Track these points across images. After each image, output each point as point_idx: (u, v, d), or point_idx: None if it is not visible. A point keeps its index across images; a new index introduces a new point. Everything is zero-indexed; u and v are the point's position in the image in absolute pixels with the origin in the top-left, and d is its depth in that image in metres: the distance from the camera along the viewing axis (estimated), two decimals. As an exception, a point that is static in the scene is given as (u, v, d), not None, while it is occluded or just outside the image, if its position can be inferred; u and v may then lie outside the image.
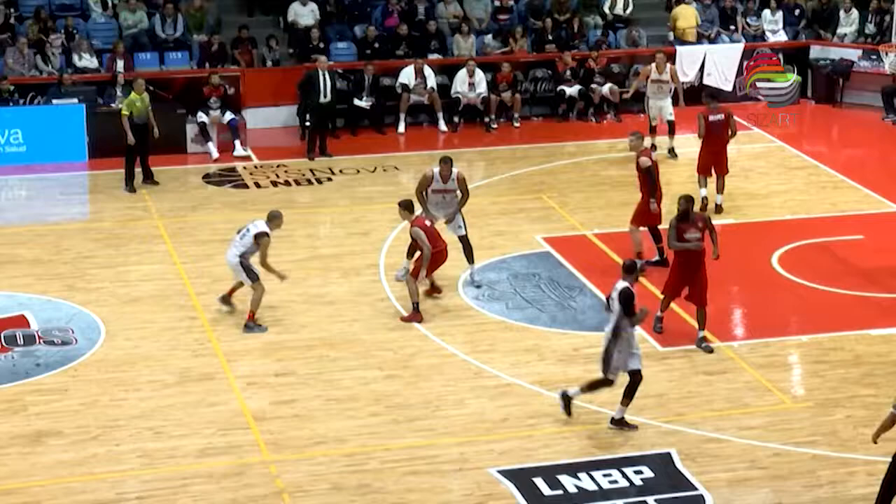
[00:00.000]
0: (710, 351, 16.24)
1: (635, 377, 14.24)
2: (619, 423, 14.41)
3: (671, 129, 23.80)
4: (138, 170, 22.26)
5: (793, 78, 27.32)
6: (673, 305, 16.78)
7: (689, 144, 23.18)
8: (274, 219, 16.96)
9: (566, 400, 14.59)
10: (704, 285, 16.24)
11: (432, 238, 17.05)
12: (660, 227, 18.43)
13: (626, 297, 14.08)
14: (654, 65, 23.97)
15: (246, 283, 16.87)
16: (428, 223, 17.23)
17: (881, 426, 12.33)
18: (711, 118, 20.49)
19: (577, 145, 24.80)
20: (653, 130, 23.89)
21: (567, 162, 23.84)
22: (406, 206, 17.23)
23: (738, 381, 15.66)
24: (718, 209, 20.64)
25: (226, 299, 17.31)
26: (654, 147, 23.58)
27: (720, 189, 20.76)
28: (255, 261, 16.80)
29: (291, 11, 26.85)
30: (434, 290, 17.81)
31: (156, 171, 22.55)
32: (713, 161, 20.67)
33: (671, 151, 23.74)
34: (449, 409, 14.94)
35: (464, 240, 18.14)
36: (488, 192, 22.11)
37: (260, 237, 16.68)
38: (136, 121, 22.03)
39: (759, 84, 24.02)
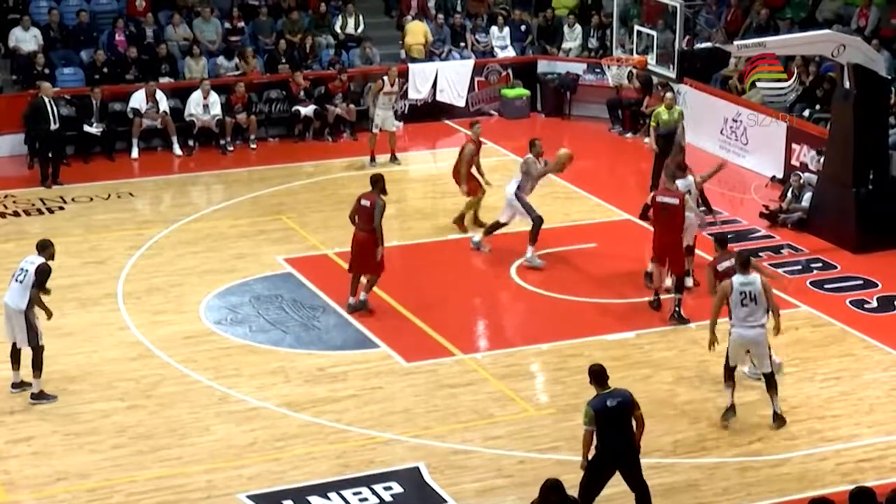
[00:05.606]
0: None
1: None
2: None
3: (393, 138, 24.64)
4: None
5: (525, 93, 27.97)
6: (412, 317, 16.85)
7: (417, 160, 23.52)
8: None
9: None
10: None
11: None
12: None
13: None
14: (387, 77, 24.45)
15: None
16: None
17: (583, 447, 12.54)
18: None
19: (315, 165, 24.78)
20: (373, 137, 24.45)
21: (306, 182, 23.78)
22: None
23: (482, 392, 15.90)
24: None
25: None
26: (373, 159, 24.21)
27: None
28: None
29: (12, 37, 25.98)
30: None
31: None
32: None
33: (393, 157, 24.56)
34: (195, 437, 14.71)
35: None
36: (227, 215, 21.87)
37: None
38: None
39: (759, 84, 24.14)
